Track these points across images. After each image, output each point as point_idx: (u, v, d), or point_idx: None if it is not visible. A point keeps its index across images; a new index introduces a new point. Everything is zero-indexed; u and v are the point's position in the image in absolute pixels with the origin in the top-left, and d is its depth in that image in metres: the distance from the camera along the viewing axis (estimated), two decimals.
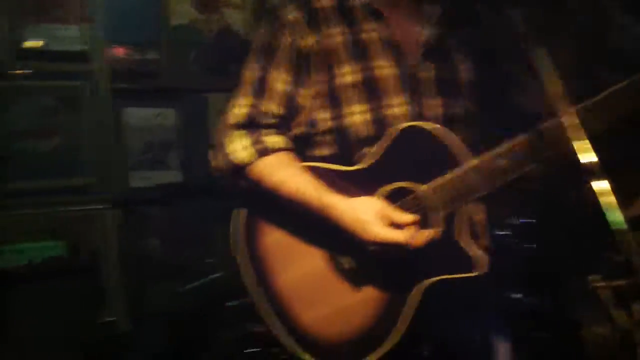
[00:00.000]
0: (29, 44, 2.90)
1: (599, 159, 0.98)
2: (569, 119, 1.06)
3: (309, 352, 1.46)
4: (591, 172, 0.99)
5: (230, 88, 3.28)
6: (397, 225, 1.33)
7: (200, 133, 3.33)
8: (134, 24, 3.20)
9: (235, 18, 3.46)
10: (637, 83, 1.23)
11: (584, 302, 2.20)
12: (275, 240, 1.50)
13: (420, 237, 1.32)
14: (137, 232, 2.92)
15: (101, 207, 3.00)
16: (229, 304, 2.43)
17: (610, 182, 0.97)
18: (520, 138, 1.33)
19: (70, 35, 3.00)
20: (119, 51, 3.16)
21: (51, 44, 2.95)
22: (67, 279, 2.77)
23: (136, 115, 3.21)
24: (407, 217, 1.34)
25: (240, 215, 1.54)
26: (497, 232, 2.68)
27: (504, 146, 1.34)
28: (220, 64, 3.39)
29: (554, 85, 1.08)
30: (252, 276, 1.52)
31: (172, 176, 3.28)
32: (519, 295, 2.38)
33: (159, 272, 3.03)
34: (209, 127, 3.36)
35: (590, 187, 0.98)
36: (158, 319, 2.90)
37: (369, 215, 1.34)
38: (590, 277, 1.13)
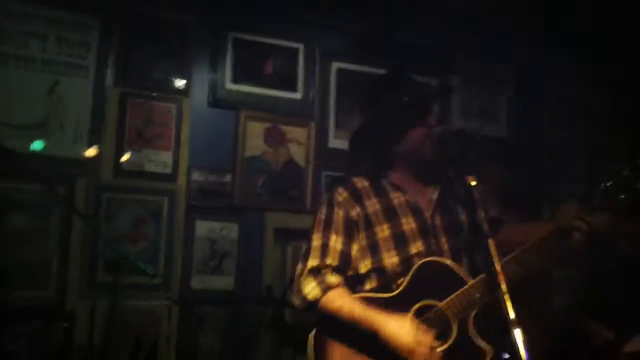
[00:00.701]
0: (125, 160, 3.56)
1: None
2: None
3: None
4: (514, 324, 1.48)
5: (286, 208, 3.82)
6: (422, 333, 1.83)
7: (257, 245, 3.86)
8: (215, 153, 3.81)
9: (298, 153, 4.01)
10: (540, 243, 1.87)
11: None
12: (340, 353, 1.95)
13: (436, 355, 1.83)
14: (193, 329, 3.36)
15: (166, 303, 3.51)
16: None
17: None
18: (505, 259, 1.91)
19: (162, 160, 3.67)
20: (200, 174, 3.76)
21: (147, 166, 3.63)
22: None
23: (205, 227, 3.77)
24: (424, 328, 1.85)
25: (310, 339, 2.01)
26: None
27: (479, 277, 1.91)
28: (283, 188, 3.96)
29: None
30: None
31: (226, 282, 3.73)
32: None
33: None
34: (265, 240, 3.88)
35: None
36: None
37: (405, 327, 1.84)
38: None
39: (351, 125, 2.22)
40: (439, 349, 1.85)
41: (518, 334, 1.57)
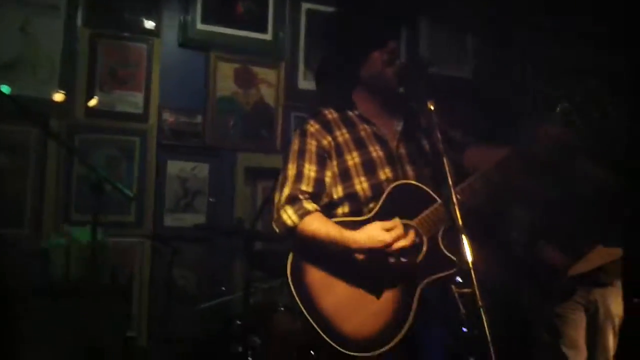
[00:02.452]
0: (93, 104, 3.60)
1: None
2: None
3: (352, 350, 2.02)
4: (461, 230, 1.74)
5: (257, 148, 3.90)
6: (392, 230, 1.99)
7: (228, 183, 3.99)
8: (186, 93, 3.88)
9: (268, 93, 4.09)
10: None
11: None
12: (317, 276, 2.10)
13: (410, 235, 2.00)
14: (166, 264, 3.49)
15: (139, 239, 3.67)
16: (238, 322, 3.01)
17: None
18: (466, 181, 2.10)
19: (133, 100, 3.73)
20: (170, 114, 3.84)
21: (119, 106, 3.69)
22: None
23: (177, 166, 3.88)
24: (395, 222, 2.01)
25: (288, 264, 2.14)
26: None
27: (459, 187, 2.07)
28: (253, 129, 4.06)
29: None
30: (299, 303, 2.07)
31: (198, 219, 3.86)
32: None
33: (183, 296, 3.63)
34: (236, 179, 4.00)
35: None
36: (175, 336, 3.46)
37: (374, 230, 2.01)
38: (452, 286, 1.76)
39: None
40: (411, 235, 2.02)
41: (465, 240, 1.76)
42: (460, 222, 1.80)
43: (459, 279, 2.04)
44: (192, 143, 3.90)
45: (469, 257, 1.71)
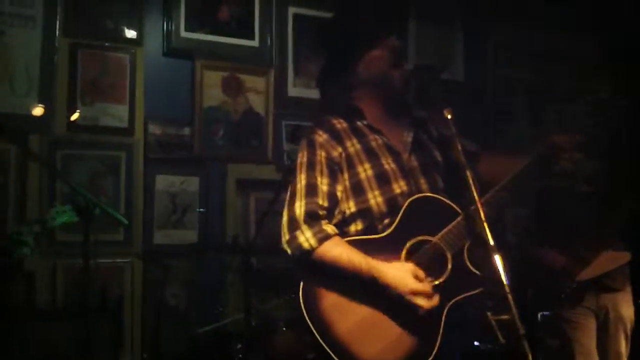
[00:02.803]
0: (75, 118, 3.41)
1: None
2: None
3: None
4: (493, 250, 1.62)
5: (248, 159, 3.76)
6: (421, 280, 1.86)
7: (219, 197, 3.81)
8: (172, 104, 3.72)
9: (257, 102, 3.93)
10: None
11: None
12: (331, 301, 1.93)
13: (434, 299, 1.86)
14: (158, 282, 3.33)
15: (128, 260, 3.48)
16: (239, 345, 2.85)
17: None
18: (488, 194, 1.95)
19: (117, 113, 3.54)
20: (157, 127, 3.66)
21: (102, 120, 3.50)
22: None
23: (165, 181, 3.69)
24: (423, 273, 1.88)
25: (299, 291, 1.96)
26: None
27: (483, 198, 1.91)
28: (243, 139, 3.89)
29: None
30: (316, 333, 1.90)
31: (190, 235, 3.68)
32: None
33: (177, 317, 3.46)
34: (227, 192, 3.84)
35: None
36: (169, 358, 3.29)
37: (405, 273, 1.87)
38: (488, 313, 1.63)
39: (313, 71, 2.21)
40: (436, 282, 1.89)
41: (498, 260, 1.62)
42: (492, 241, 1.65)
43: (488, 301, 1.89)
44: (181, 155, 3.73)
45: (506, 280, 1.56)
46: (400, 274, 1.85)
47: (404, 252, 1.92)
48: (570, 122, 2.07)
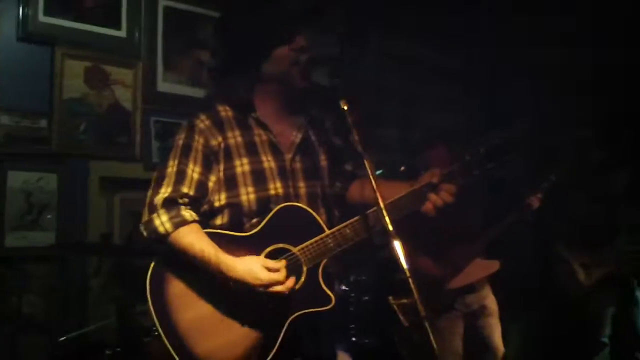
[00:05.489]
0: None
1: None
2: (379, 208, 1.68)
3: None
4: (393, 235, 1.60)
5: (113, 156, 3.54)
6: (274, 272, 1.83)
7: (80, 196, 3.53)
8: (27, 94, 3.39)
9: (125, 95, 3.70)
10: (415, 193, 1.91)
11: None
12: (178, 289, 1.90)
13: (289, 282, 1.84)
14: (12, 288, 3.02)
15: None
16: (108, 352, 2.65)
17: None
18: (358, 217, 1.94)
19: None
20: (9, 118, 3.31)
21: None
22: None
23: (19, 178, 3.35)
24: (280, 264, 1.86)
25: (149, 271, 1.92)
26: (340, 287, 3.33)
27: (349, 221, 1.94)
28: (109, 134, 3.64)
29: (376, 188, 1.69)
30: (155, 318, 1.88)
31: (46, 237, 3.36)
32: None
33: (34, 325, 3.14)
34: (89, 191, 3.57)
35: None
36: None
37: (255, 266, 1.83)
38: (389, 297, 1.65)
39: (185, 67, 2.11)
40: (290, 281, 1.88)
41: (398, 245, 1.63)
42: (390, 227, 1.66)
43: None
44: (37, 151, 3.41)
45: (406, 264, 1.58)
46: (249, 266, 1.84)
47: (262, 256, 1.91)
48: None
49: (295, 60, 2.00)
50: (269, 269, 1.84)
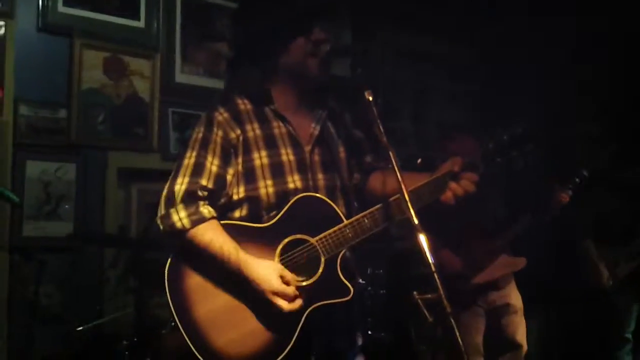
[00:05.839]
0: None
1: None
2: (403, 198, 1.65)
3: None
4: (418, 229, 1.56)
5: (131, 147, 3.53)
6: (287, 282, 1.82)
7: (98, 186, 3.53)
8: (46, 85, 3.39)
9: (142, 86, 3.69)
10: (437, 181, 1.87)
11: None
12: (196, 282, 1.88)
13: (296, 303, 1.82)
14: (28, 278, 3.02)
15: None
16: (125, 342, 2.65)
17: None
18: (377, 206, 1.90)
19: None
20: (29, 109, 3.32)
21: None
22: None
23: (38, 167, 3.35)
24: (290, 276, 1.84)
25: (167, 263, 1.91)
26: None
27: (368, 211, 1.90)
28: (126, 125, 3.64)
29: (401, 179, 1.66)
30: (173, 310, 1.87)
31: (64, 227, 3.36)
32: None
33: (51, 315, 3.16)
34: (107, 182, 3.56)
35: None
36: None
37: (272, 272, 1.82)
38: (414, 292, 1.60)
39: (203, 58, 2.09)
40: (303, 283, 1.86)
41: (423, 239, 1.58)
42: (415, 219, 1.62)
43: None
44: (55, 141, 3.41)
45: (431, 259, 1.54)
46: (266, 272, 1.83)
47: (279, 247, 1.89)
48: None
49: (312, 52, 1.97)
50: (284, 280, 1.83)
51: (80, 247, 3.38)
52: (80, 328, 2.86)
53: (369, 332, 3.19)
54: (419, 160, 3.68)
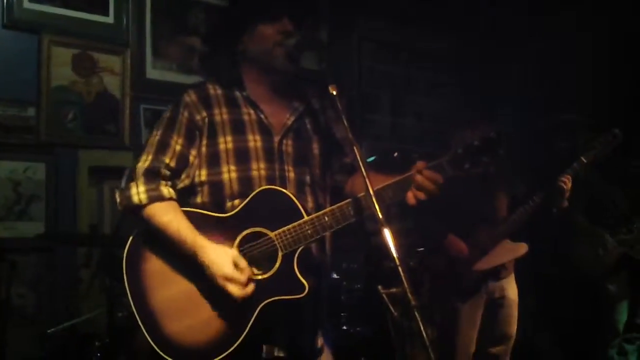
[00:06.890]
0: None
1: None
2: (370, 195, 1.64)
3: (170, 355, 1.82)
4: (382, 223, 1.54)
5: (102, 145, 3.48)
6: (241, 269, 1.80)
7: (69, 185, 3.48)
8: (14, 83, 3.33)
9: (113, 83, 3.65)
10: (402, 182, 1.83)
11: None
12: (155, 267, 1.88)
13: (248, 288, 1.80)
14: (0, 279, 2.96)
15: None
16: (97, 343, 2.62)
17: None
18: (340, 204, 1.88)
19: None
20: None
21: None
22: None
23: (6, 167, 3.30)
24: (244, 263, 1.82)
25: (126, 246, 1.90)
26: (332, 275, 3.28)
27: (329, 208, 1.88)
28: (97, 123, 3.59)
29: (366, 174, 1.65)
30: (129, 295, 1.86)
31: (35, 227, 3.30)
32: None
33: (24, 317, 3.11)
34: (78, 180, 3.51)
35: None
36: None
37: (225, 258, 1.80)
38: (379, 287, 1.59)
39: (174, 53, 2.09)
40: (259, 277, 1.84)
41: (387, 233, 1.58)
42: (381, 215, 1.62)
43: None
44: (25, 140, 3.36)
45: (396, 253, 1.53)
46: (220, 257, 1.82)
47: (238, 238, 1.88)
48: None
49: (280, 42, 1.96)
50: (237, 266, 1.81)
51: (52, 247, 3.33)
52: (53, 329, 2.81)
53: (344, 327, 3.18)
54: (396, 154, 3.66)
